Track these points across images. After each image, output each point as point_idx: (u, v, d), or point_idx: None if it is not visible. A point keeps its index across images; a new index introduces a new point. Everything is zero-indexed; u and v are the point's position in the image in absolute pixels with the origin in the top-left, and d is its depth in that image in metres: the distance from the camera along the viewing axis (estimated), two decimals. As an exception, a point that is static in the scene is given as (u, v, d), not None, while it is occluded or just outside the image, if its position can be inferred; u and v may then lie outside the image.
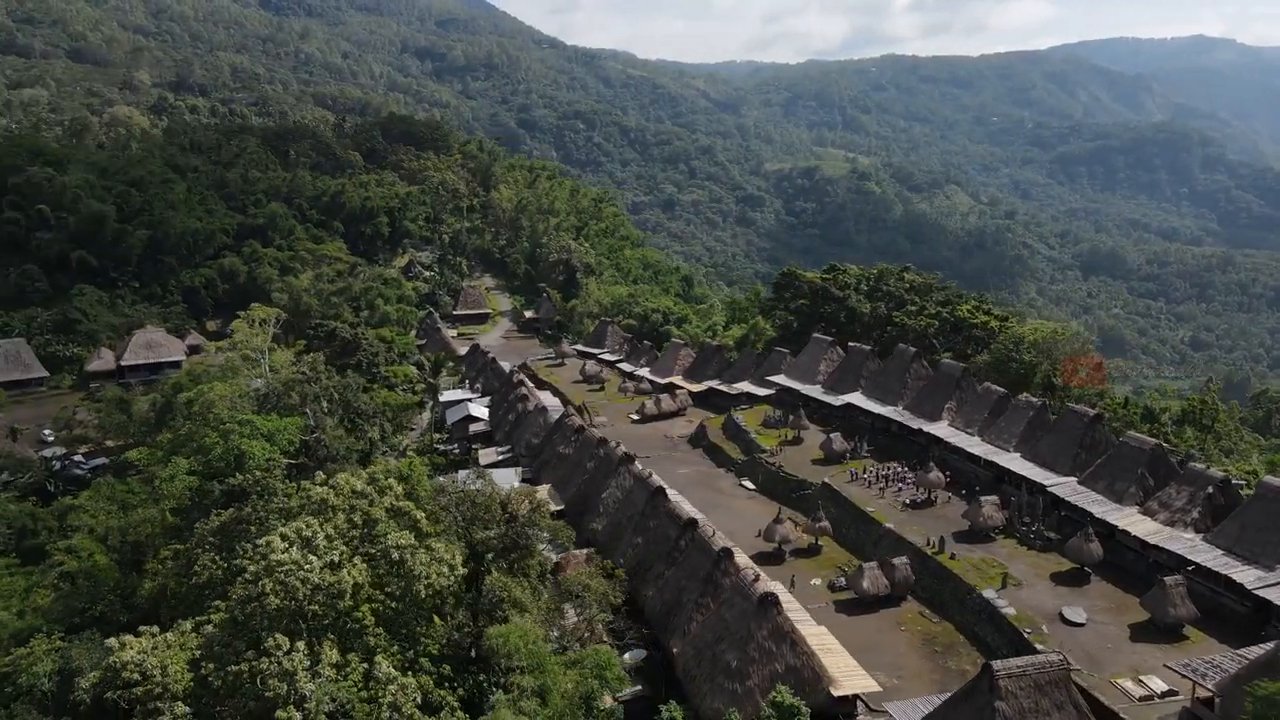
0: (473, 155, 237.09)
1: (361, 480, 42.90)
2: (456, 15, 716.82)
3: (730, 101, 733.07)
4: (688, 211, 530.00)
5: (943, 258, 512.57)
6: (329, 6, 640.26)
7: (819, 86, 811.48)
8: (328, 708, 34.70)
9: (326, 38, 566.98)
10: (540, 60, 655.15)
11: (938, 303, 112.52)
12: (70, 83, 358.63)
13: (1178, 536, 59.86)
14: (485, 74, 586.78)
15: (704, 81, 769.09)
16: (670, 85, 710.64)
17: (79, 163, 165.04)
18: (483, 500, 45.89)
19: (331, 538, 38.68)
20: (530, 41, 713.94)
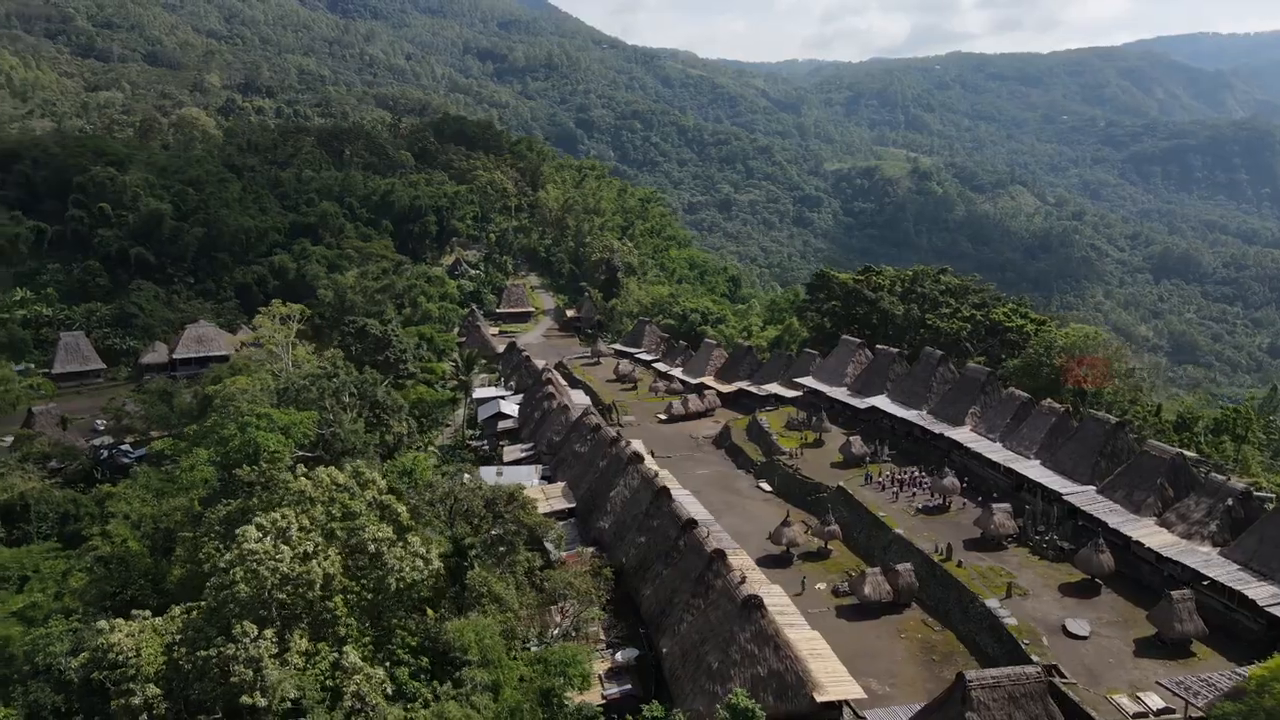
0: (522, 155, 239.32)
1: (345, 474, 43.83)
2: (518, 17, 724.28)
3: (790, 101, 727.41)
4: (744, 211, 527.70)
5: (1006, 259, 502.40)
6: (394, 9, 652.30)
7: (881, 85, 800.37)
8: (291, 694, 35.53)
9: (391, 40, 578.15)
10: (600, 60, 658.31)
11: (973, 305, 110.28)
12: (144, 85, 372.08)
13: (1193, 550, 57.87)
14: (545, 74, 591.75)
15: (764, 81, 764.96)
16: (730, 85, 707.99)
17: (140, 163, 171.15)
18: (465, 496, 46.44)
19: (306, 529, 39.64)
20: (590, 42, 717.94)
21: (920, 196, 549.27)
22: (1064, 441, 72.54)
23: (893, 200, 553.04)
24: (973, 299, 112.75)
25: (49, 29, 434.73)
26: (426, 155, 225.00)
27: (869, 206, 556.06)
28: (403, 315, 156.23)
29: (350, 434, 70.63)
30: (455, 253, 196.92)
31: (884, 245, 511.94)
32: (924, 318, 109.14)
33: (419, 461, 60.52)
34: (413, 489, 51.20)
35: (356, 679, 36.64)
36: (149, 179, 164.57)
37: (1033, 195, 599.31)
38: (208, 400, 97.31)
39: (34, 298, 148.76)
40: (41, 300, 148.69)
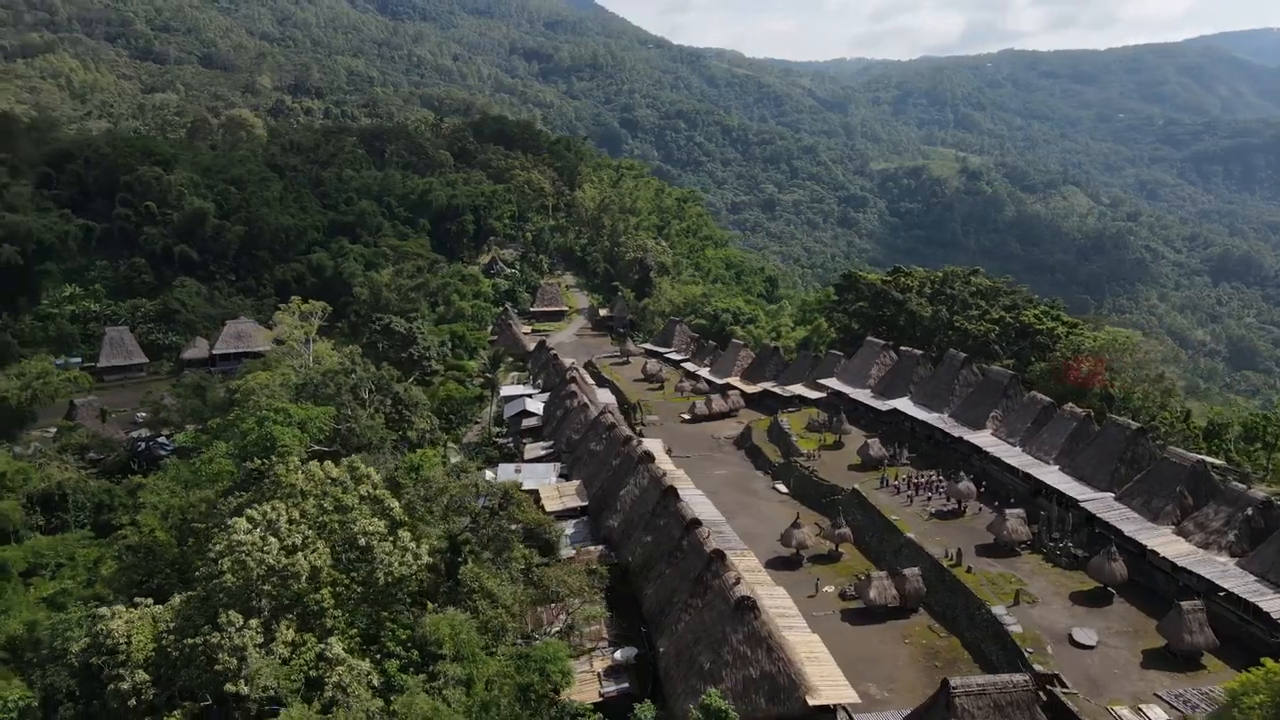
0: (560, 155, 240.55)
1: (341, 469, 44.57)
2: (565, 17, 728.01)
3: (837, 100, 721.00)
4: (788, 211, 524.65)
5: (1056, 261, 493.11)
6: (442, 10, 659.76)
7: (930, 83, 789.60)
8: (272, 683, 36.25)
9: (438, 41, 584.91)
10: (645, 60, 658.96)
11: (1003, 307, 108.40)
12: (198, 87, 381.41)
13: (1210, 560, 56.31)
14: (590, 74, 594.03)
15: (810, 80, 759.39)
16: (776, 84, 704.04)
17: (185, 162, 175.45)
18: (458, 492, 46.94)
19: (295, 521, 40.40)
20: (636, 42, 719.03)
21: (969, 196, 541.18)
22: (1084, 447, 71.04)
23: (940, 200, 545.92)
24: (1003, 301, 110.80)
25: (109, 32, 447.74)
26: (466, 155, 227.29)
27: (915, 207, 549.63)
28: (436, 313, 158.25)
29: (366, 429, 71.69)
30: (492, 252, 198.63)
31: (930, 246, 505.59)
32: (952, 319, 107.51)
33: (426, 458, 61.16)
34: (409, 485, 51.86)
35: (339, 670, 37.21)
36: (193, 178, 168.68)
37: (1086, 195, 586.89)
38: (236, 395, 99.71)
39: (82, 294, 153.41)
40: (89, 296, 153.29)
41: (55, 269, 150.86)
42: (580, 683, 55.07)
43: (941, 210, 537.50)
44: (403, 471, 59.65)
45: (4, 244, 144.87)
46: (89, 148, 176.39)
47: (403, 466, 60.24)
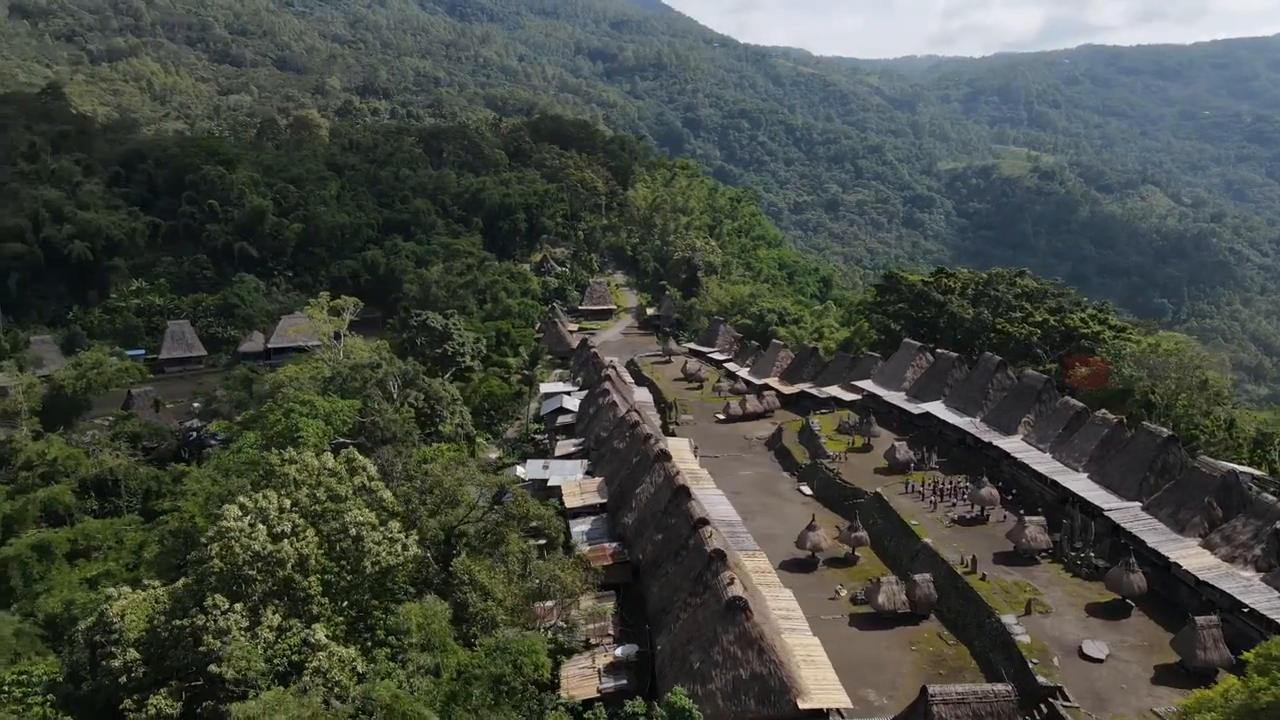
0: (615, 154, 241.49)
1: (338, 460, 45.69)
2: (630, 16, 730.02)
3: (905, 98, 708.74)
4: (852, 212, 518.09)
5: (1132, 263, 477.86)
6: (509, 11, 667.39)
7: (1004, 81, 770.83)
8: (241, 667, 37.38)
9: (505, 41, 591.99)
10: (710, 59, 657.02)
11: (1048, 310, 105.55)
12: (271, 89, 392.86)
13: (1234, 574, 54.11)
14: (654, 74, 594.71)
15: (878, 78, 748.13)
16: (842, 83, 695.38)
17: (248, 162, 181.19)
18: (452, 485, 47.71)
19: (285, 510, 41.56)
20: (701, 41, 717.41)
21: (1040, 197, 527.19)
22: (1114, 454, 68.86)
23: (1010, 201, 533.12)
24: (1049, 303, 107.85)
25: (189, 36, 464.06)
26: (521, 154, 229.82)
27: (984, 207, 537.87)
28: (484, 310, 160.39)
29: (390, 422, 73.16)
30: (543, 250, 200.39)
31: (999, 247, 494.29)
32: (994, 322, 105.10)
33: (440, 452, 62.18)
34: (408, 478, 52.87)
35: (320, 655, 38.16)
36: (254, 177, 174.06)
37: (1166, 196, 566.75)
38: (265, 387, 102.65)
39: (148, 288, 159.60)
40: (154, 291, 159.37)
41: (123, 264, 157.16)
42: (581, 678, 55.62)
43: (1011, 211, 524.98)
44: (413, 464, 60.75)
45: (76, 240, 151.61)
46: (159, 148, 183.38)
47: (414, 460, 61.32)
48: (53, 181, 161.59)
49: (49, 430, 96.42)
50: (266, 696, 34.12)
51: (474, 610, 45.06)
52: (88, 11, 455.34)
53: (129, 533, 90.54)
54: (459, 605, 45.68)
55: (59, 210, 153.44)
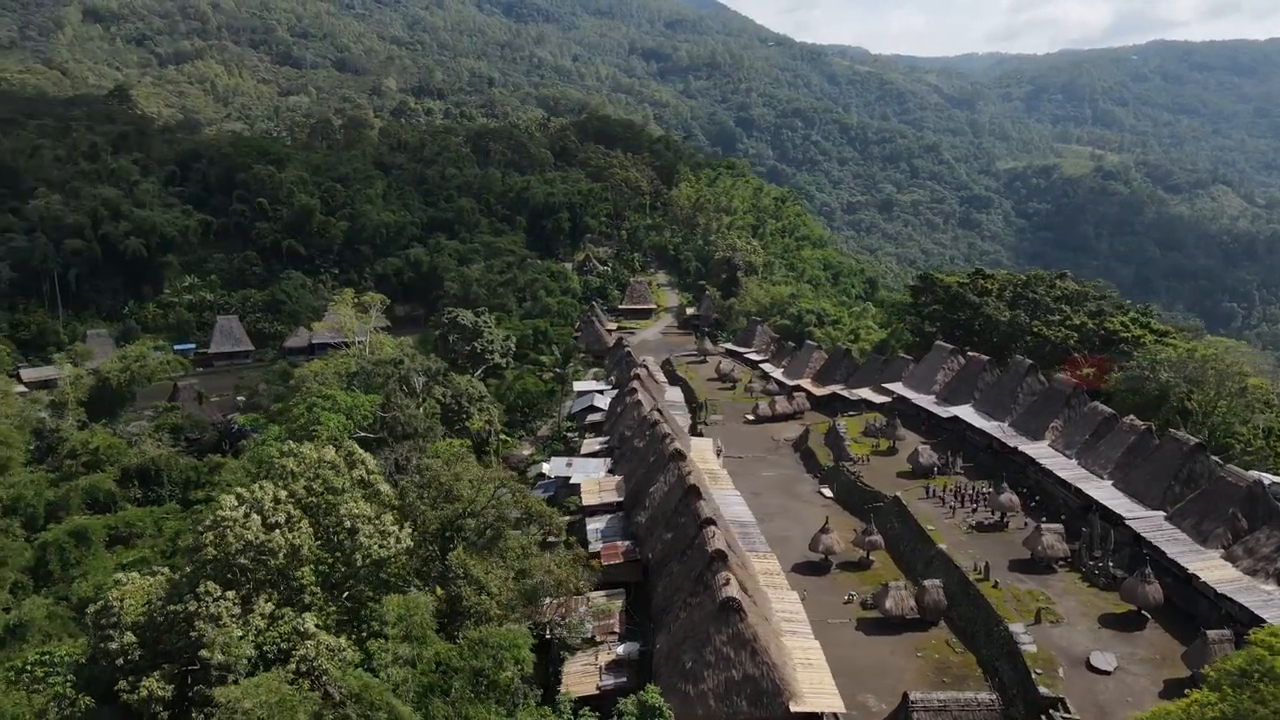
0: (660, 153, 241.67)
1: (337, 453, 46.61)
2: (685, 16, 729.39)
3: (964, 96, 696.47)
4: (906, 212, 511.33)
5: (1200, 266, 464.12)
6: (565, 11, 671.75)
7: (1068, 78, 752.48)
8: (245, 651, 38.37)
9: (560, 42, 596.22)
10: (764, 59, 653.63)
11: (1088, 313, 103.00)
12: (329, 90, 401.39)
13: (1254, 587, 52.28)
14: (707, 73, 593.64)
15: (936, 76, 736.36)
16: (899, 81, 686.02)
17: (297, 161, 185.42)
18: (449, 480, 48.33)
19: (280, 500, 42.54)
20: (756, 40, 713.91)
21: (1104, 197, 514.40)
22: (1140, 462, 66.97)
23: (1072, 201, 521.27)
24: (1089, 306, 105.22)
25: (253, 39, 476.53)
26: (567, 153, 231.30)
27: (1044, 208, 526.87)
28: (523, 308, 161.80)
29: (411, 418, 74.32)
30: (586, 249, 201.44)
31: (1059, 249, 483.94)
32: (1030, 325, 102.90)
33: (451, 447, 63.02)
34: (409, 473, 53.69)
35: (308, 644, 38.98)
36: (303, 176, 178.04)
37: (1238, 196, 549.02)
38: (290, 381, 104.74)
39: (200, 284, 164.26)
40: (206, 286, 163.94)
41: (175, 261, 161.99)
42: (583, 675, 55.99)
43: (1073, 211, 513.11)
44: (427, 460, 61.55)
45: (132, 237, 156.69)
46: (213, 148, 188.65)
47: (427, 455, 62.20)
48: (112, 180, 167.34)
49: (94, 420, 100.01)
50: (245, 681, 34.99)
51: (468, 604, 45.51)
52: (157, 16, 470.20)
53: (168, 521, 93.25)
54: (454, 599, 46.23)
55: (116, 208, 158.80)
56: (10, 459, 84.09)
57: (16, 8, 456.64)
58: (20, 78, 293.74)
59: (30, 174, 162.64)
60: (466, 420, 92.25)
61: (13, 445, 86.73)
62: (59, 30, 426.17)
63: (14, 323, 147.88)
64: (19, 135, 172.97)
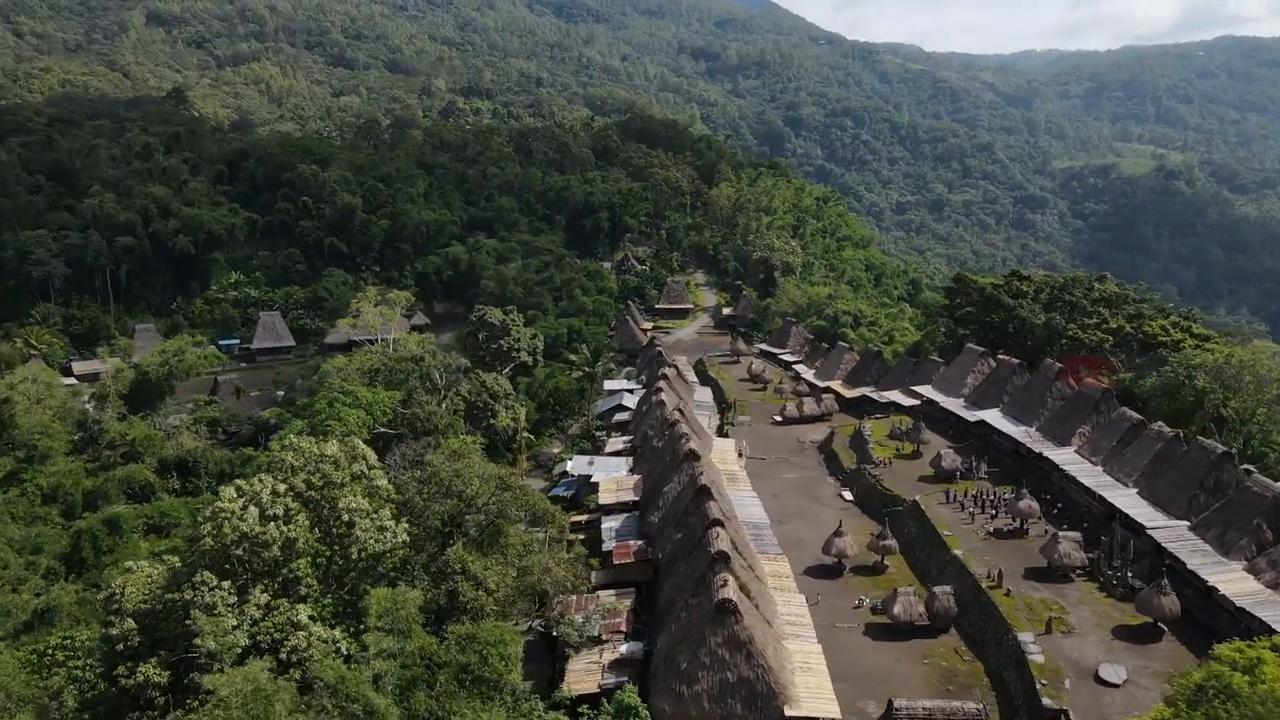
0: (701, 153, 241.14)
1: (337, 447, 47.34)
2: (736, 15, 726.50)
3: (1020, 94, 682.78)
4: (957, 212, 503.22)
5: (1265, 269, 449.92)
6: (615, 11, 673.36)
7: (1130, 75, 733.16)
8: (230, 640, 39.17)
9: (609, 42, 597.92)
10: (814, 57, 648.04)
11: (1126, 316, 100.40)
12: (379, 90, 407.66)
13: (1276, 602, 50.49)
14: (756, 72, 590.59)
15: (992, 74, 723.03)
16: (952, 79, 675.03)
17: (341, 161, 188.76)
18: (448, 477, 48.80)
19: (279, 494, 43.35)
20: (806, 38, 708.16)
21: (1165, 198, 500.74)
22: (1166, 470, 65.09)
23: (1130, 202, 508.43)
24: (1128, 309, 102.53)
25: (308, 41, 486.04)
26: (608, 153, 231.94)
27: (1101, 208, 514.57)
28: (559, 307, 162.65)
29: (431, 414, 75.22)
30: (625, 249, 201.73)
31: (1115, 250, 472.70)
32: (1065, 328, 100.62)
33: (464, 443, 63.68)
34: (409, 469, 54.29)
35: (299, 635, 39.72)
36: (346, 175, 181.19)
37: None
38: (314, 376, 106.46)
39: (245, 281, 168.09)
40: (251, 283, 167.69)
41: (222, 258, 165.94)
42: (586, 673, 56.11)
43: (1132, 212, 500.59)
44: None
45: (180, 235, 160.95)
46: (260, 148, 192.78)
47: (444, 451, 62.88)
48: (163, 179, 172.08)
49: (133, 413, 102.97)
50: (229, 670, 35.75)
51: (464, 599, 45.92)
52: (217, 19, 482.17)
53: (199, 512, 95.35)
54: (450, 594, 46.68)
55: (166, 206, 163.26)
56: (51, 449, 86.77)
57: (84, 12, 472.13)
58: (84, 79, 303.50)
59: (86, 173, 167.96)
60: (493, 418, 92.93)
61: (54, 436, 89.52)
62: (123, 33, 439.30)
63: (68, 317, 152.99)
64: (76, 135, 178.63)
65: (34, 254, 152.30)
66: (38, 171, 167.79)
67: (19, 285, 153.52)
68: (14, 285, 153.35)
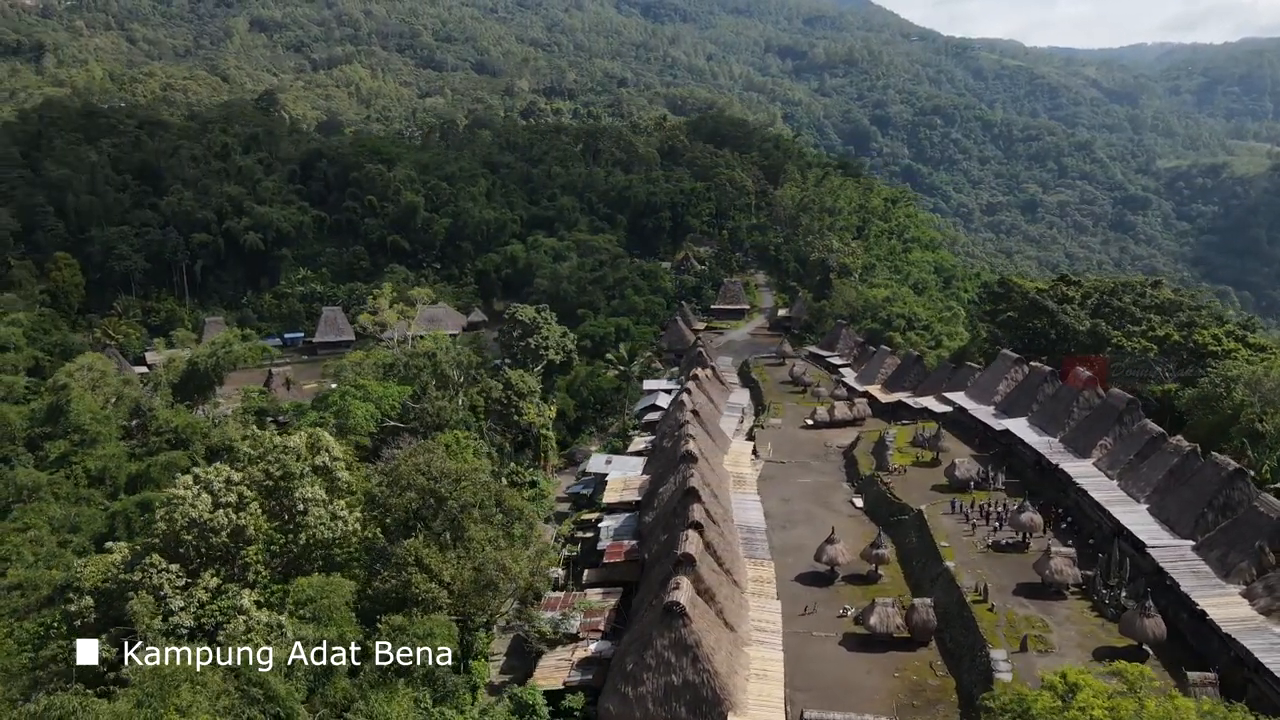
0: (769, 153, 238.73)
1: (300, 439, 48.92)
2: (825, 13, 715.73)
3: (1125, 90, 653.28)
4: (1051, 213, 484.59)
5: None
6: (702, 10, 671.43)
7: (1246, 68, 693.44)
8: (187, 622, 40.97)
9: (695, 41, 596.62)
10: (905, 54, 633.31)
11: (1178, 324, 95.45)
12: (464, 91, 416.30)
13: (1265, 629, 47.55)
14: (844, 71, 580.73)
15: (1096, 69, 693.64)
16: (1052, 75, 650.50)
17: (407, 161, 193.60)
18: (408, 472, 49.78)
19: (233, 482, 45.07)
20: (898, 35, 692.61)
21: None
22: (1177, 486, 61.80)
23: (1242, 203, 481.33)
24: (1181, 316, 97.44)
25: (400, 44, 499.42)
26: (675, 153, 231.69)
27: (1210, 209, 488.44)
28: (611, 306, 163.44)
29: (440, 409, 76.77)
30: (686, 248, 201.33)
31: (1223, 254, 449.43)
32: (1110, 335, 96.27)
33: (459, 439, 64.81)
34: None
35: (240, 619, 41.29)
36: (411, 175, 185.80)
37: None
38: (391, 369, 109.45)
39: (312, 276, 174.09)
40: (317, 279, 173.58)
41: (289, 254, 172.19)
42: (555, 669, 56.64)
43: (1243, 214, 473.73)
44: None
45: (251, 232, 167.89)
46: (333, 148, 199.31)
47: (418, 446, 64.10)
48: (238, 178, 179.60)
49: (182, 401, 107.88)
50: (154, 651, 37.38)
51: (416, 591, 46.84)
52: (315, 24, 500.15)
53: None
54: (403, 585, 47.67)
55: (240, 204, 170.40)
56: (100, 434, 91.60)
57: (193, 19, 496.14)
58: (184, 83, 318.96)
59: (170, 172, 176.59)
60: (517, 415, 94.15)
61: (104, 422, 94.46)
62: (228, 39, 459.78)
63: (146, 309, 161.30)
64: (163, 137, 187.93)
65: (117, 249, 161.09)
66: (126, 171, 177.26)
67: (104, 278, 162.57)
68: (100, 278, 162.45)
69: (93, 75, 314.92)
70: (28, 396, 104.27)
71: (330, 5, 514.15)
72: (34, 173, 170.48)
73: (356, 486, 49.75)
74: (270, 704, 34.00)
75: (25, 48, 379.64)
